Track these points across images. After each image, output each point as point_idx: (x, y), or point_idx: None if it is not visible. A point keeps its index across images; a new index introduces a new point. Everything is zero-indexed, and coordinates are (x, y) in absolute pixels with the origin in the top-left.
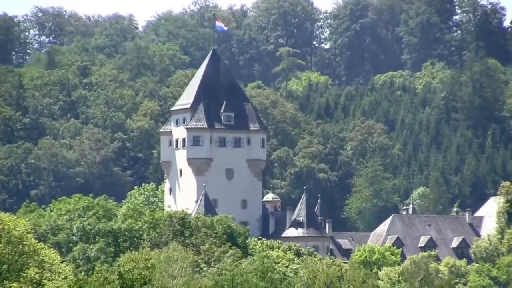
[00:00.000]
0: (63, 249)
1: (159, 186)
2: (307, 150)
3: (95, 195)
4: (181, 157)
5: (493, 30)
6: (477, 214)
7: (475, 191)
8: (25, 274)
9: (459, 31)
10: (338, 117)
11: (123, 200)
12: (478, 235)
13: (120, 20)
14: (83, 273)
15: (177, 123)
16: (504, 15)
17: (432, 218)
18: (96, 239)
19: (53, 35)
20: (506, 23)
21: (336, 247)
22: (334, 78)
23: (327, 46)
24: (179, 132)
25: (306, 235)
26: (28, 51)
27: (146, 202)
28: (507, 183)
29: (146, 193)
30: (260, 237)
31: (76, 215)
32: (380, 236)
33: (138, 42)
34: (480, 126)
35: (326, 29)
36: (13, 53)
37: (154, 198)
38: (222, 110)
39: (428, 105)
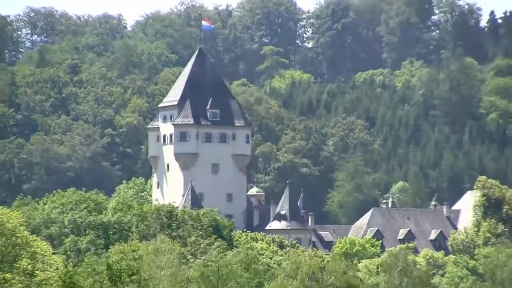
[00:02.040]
0: (55, 242)
1: (147, 181)
2: (290, 145)
3: (85, 189)
4: (168, 152)
5: (470, 29)
6: (454, 207)
7: (452, 185)
8: (18, 265)
9: (437, 31)
10: (320, 114)
11: (112, 194)
12: (455, 228)
13: (109, 19)
14: (72, 265)
15: (164, 119)
16: (481, 15)
17: (411, 211)
18: (87, 232)
19: (44, 34)
20: (483, 23)
21: (318, 239)
22: (317, 76)
23: (309, 45)
24: (167, 128)
25: (289, 228)
26: (21, 49)
27: (135, 196)
28: (483, 177)
29: (135, 187)
30: (244, 229)
31: (68, 208)
32: (361, 228)
33: (126, 41)
34: (457, 122)
35: (309, 29)
36: (6, 51)
37: (143, 193)
38: (208, 107)
39: (407, 102)
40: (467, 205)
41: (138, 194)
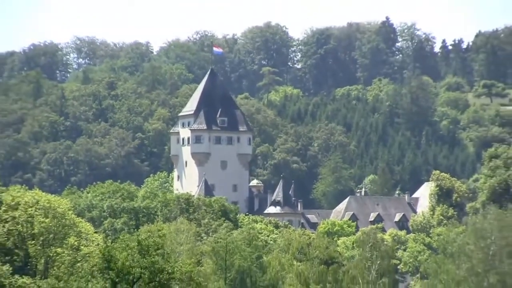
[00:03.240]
0: (96, 223)
1: (170, 174)
2: (284, 146)
3: (120, 181)
4: (186, 152)
5: (426, 54)
6: (414, 195)
7: (412, 178)
8: (66, 242)
9: (400, 55)
10: (307, 121)
11: (141, 185)
12: (415, 211)
13: (139, 46)
14: (109, 241)
15: (183, 125)
16: (435, 42)
17: (379, 198)
18: (121, 215)
19: (88, 58)
20: (436, 49)
21: (306, 221)
22: (304, 91)
23: (299, 66)
24: (185, 133)
25: (282, 212)
26: (69, 70)
27: (160, 187)
28: (437, 171)
29: (159, 179)
30: (247, 213)
31: (106, 196)
32: (340, 212)
33: (153, 63)
34: (416, 128)
35: (298, 53)
36: (57, 71)
37: (166, 184)
38: (218, 116)
39: (376, 112)
40: (424, 194)
41: (162, 185)
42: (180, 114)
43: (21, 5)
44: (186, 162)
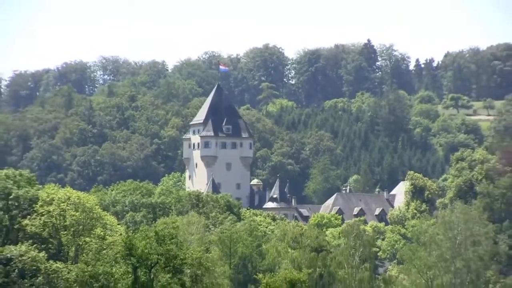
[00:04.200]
0: (119, 216)
1: (182, 174)
2: (280, 150)
3: (139, 180)
4: (196, 155)
5: (402, 71)
6: (392, 193)
7: (390, 177)
8: (94, 232)
9: (380, 72)
10: (300, 129)
11: (158, 184)
12: (392, 206)
13: (156, 64)
14: (130, 232)
15: (194, 132)
16: (409, 61)
17: (362, 195)
18: (141, 209)
19: (112, 75)
20: (411, 67)
21: (299, 215)
22: (297, 103)
23: (293, 82)
24: (195, 139)
25: (279, 207)
26: (96, 85)
27: (174, 185)
28: (411, 172)
29: (173, 179)
30: (248, 208)
31: (128, 193)
32: (328, 207)
33: (168, 79)
34: (393, 134)
35: (292, 71)
36: (86, 86)
37: (179, 183)
38: (223, 124)
39: (359, 121)
40: (400, 191)
41: (175, 183)
42: (191, 123)
43: (55, 29)
44: (196, 164)
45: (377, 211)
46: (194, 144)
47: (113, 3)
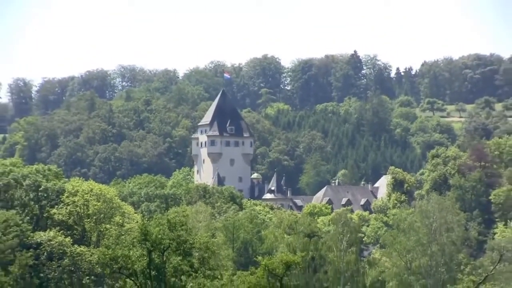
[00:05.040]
0: (135, 206)
1: (191, 169)
2: (277, 148)
3: (154, 174)
4: (203, 152)
5: (384, 78)
6: (375, 185)
7: (374, 172)
8: (113, 220)
9: (365, 79)
10: (295, 129)
11: (170, 177)
12: (376, 197)
13: (168, 72)
14: (146, 219)
15: (201, 132)
16: (391, 70)
17: (349, 187)
18: (155, 200)
19: (129, 81)
20: (392, 75)
21: (294, 204)
22: (293, 106)
23: (288, 88)
24: (203, 138)
25: (276, 198)
26: (115, 90)
27: (183, 179)
28: (393, 167)
29: (183, 173)
30: (249, 199)
31: (143, 185)
32: (319, 198)
33: (179, 85)
34: (377, 134)
35: (288, 78)
36: (106, 92)
37: (188, 176)
38: (227, 125)
39: (347, 122)
40: (383, 184)
41: (185, 177)
42: (199, 124)
43: (79, 40)
44: (203, 160)
45: (362, 202)
46: (201, 143)
47: (131, 19)
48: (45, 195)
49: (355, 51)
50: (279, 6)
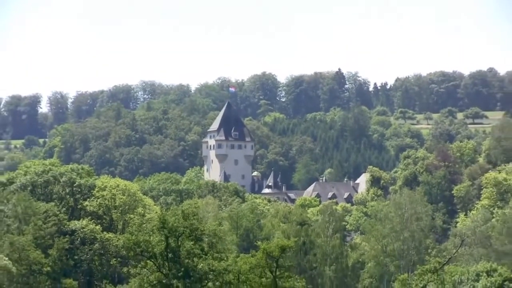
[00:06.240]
0: (154, 199)
1: (201, 168)
2: (274, 150)
3: (170, 172)
4: (212, 154)
5: (364, 92)
6: (356, 181)
7: (355, 170)
8: (136, 211)
9: (347, 93)
10: (289, 135)
11: (183, 175)
12: (357, 192)
13: (182, 87)
14: (164, 210)
15: (210, 137)
16: (369, 84)
17: (334, 183)
18: (171, 194)
19: (150, 94)
20: (370, 88)
21: (288, 198)
22: (287, 115)
23: (283, 100)
24: (211, 142)
25: (273, 192)
26: (138, 102)
27: (195, 176)
28: (371, 166)
29: (195, 171)
30: (250, 193)
31: (161, 182)
32: (309, 192)
33: (191, 98)
34: (357, 139)
35: (283, 91)
36: (130, 103)
37: (199, 174)
38: (232, 131)
39: (332, 129)
40: (363, 180)
41: (196, 175)
42: (208, 130)
43: (107, 58)
44: (212, 161)
45: (345, 195)
46: (210, 146)
47: (151, 42)
48: (79, 190)
49: (339, 69)
50: (275, 32)
